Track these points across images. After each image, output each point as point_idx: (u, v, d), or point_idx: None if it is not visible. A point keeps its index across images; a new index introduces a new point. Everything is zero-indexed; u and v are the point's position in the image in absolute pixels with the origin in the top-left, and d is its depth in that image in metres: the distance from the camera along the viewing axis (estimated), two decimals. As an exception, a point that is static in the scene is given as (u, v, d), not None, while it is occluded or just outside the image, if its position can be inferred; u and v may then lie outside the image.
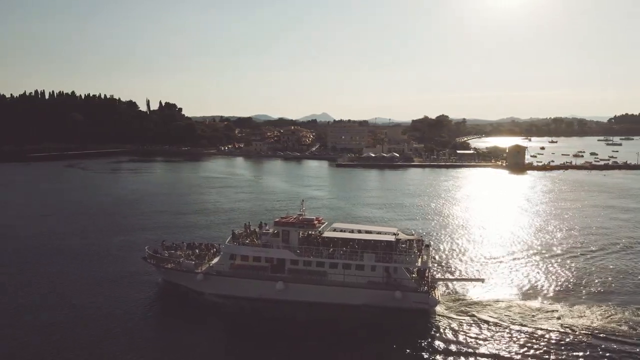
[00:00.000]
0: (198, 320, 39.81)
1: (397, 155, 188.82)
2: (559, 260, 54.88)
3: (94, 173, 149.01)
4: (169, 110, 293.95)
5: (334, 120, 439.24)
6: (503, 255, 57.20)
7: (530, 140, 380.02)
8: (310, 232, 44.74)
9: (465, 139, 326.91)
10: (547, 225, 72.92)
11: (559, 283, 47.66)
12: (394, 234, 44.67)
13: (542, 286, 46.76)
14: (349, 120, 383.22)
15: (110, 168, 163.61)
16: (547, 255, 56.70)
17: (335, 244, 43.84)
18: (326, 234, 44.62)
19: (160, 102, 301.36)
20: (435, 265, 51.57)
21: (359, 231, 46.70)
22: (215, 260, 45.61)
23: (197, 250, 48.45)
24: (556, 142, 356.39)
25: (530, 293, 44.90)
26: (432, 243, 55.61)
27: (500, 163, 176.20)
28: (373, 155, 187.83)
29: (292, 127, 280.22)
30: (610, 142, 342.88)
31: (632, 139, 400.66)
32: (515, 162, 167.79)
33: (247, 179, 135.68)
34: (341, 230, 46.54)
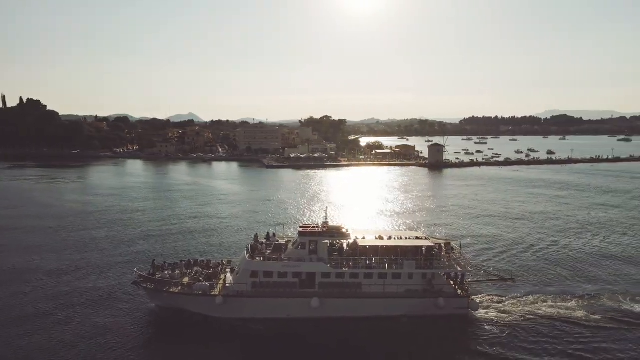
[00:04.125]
0: (224, 352, 34.11)
1: (326, 155, 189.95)
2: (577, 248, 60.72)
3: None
4: (34, 108, 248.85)
5: (212, 121, 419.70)
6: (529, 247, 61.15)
7: (408, 140, 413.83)
8: (340, 242, 41.01)
9: (353, 138, 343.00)
10: (513, 215, 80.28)
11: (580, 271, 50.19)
12: (426, 238, 43.38)
13: (570, 279, 48.31)
14: (227, 121, 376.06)
15: None
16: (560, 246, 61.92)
17: (370, 253, 40.37)
18: (362, 242, 40.95)
19: (21, 98, 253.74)
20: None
21: (389, 237, 43.88)
22: (229, 279, 40.08)
23: (199, 269, 42.07)
24: (432, 141, 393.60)
25: (557, 286, 45.92)
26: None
27: (422, 161, 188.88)
28: (302, 155, 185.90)
29: (197, 128, 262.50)
30: (478, 141, 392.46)
31: (487, 138, 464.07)
32: (436, 160, 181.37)
33: (198, 185, 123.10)
34: (362, 238, 42.51)
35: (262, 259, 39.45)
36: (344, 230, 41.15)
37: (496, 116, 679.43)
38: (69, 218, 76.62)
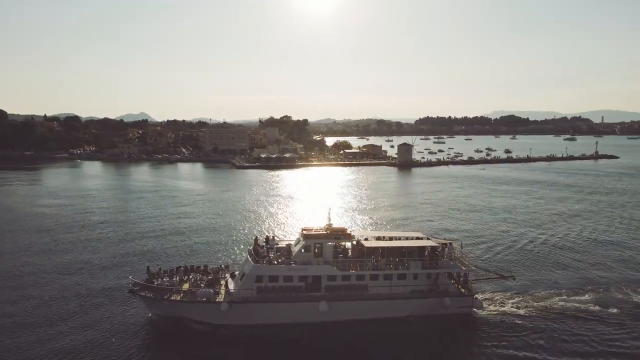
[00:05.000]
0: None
1: (297, 155, 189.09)
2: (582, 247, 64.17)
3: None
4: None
5: (167, 120, 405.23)
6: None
7: (368, 139, 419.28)
8: (344, 244, 40.74)
9: (318, 138, 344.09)
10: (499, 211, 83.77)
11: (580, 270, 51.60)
12: (428, 238, 43.68)
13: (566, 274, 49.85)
14: (183, 121, 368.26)
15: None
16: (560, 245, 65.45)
17: (377, 254, 40.14)
18: (368, 244, 40.67)
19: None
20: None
21: (390, 238, 44.40)
22: (231, 284, 39.24)
23: (198, 275, 40.84)
24: (392, 140, 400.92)
25: (554, 281, 47.50)
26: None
27: (392, 161, 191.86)
28: (273, 156, 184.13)
29: (158, 128, 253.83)
30: (437, 141, 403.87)
31: (443, 138, 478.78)
32: (405, 159, 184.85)
33: (173, 188, 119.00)
34: (365, 239, 42.48)
35: (265, 263, 38.51)
36: (348, 232, 40.99)
37: (449, 116, 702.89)
38: (42, 223, 72.00)
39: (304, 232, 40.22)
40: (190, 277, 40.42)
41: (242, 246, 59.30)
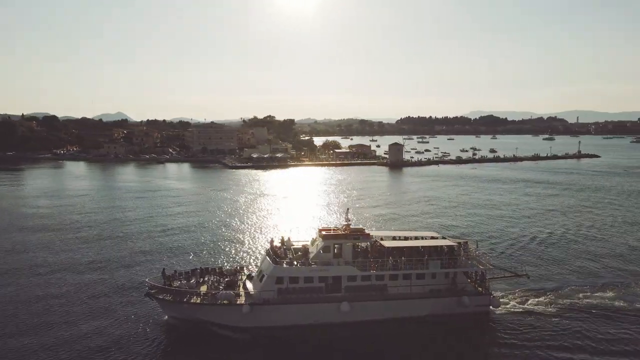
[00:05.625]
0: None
1: (289, 155, 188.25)
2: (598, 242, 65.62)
3: None
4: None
5: (148, 120, 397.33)
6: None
7: (352, 139, 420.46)
8: (362, 244, 40.84)
9: (306, 138, 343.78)
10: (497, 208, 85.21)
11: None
12: (444, 238, 44.59)
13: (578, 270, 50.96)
14: (164, 121, 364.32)
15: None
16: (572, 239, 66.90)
17: (397, 254, 40.30)
18: (387, 243, 40.98)
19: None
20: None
21: (405, 238, 44.76)
22: (250, 286, 39.02)
23: (216, 277, 40.18)
24: (376, 140, 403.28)
25: (567, 279, 47.98)
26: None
27: (383, 161, 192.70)
28: (264, 155, 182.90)
29: (144, 128, 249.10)
30: (421, 141, 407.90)
31: (426, 137, 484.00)
32: (397, 159, 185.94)
33: (170, 189, 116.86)
34: (381, 239, 42.69)
35: (285, 264, 38.18)
36: (366, 232, 41.08)
37: (430, 116, 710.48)
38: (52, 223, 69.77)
39: (323, 232, 40.09)
40: (207, 279, 39.79)
41: (254, 247, 59.12)
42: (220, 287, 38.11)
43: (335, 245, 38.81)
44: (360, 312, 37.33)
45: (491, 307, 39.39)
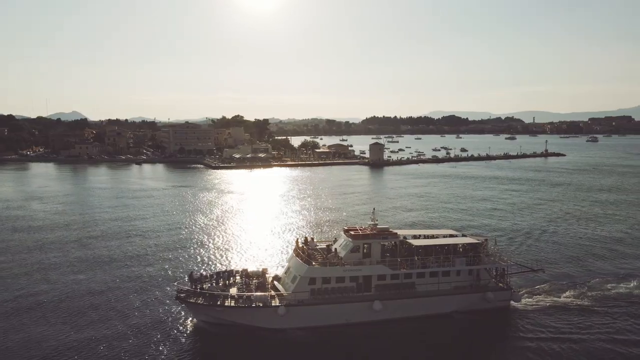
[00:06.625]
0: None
1: (271, 155, 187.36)
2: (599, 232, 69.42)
3: None
4: None
5: (108, 120, 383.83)
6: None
7: (322, 139, 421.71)
8: (393, 243, 41.55)
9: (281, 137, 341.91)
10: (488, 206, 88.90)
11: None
12: (464, 235, 46.07)
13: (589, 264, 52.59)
14: (126, 121, 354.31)
15: None
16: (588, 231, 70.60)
17: (426, 253, 41.25)
18: (416, 242, 41.94)
19: None
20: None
21: (426, 236, 45.65)
22: (280, 287, 39.55)
23: (245, 279, 40.15)
24: (346, 140, 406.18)
25: (583, 273, 49.66)
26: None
27: (364, 160, 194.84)
28: (247, 156, 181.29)
29: (116, 127, 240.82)
30: (391, 140, 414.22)
31: (394, 137, 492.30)
32: (377, 158, 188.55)
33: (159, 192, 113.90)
34: (404, 238, 43.14)
35: (315, 264, 38.43)
36: (393, 231, 42.04)
37: (395, 116, 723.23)
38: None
39: (350, 232, 40.77)
40: (233, 281, 39.60)
41: (273, 248, 59.20)
42: (252, 289, 38.07)
43: (365, 245, 39.58)
44: (392, 310, 38.23)
45: (512, 302, 40.87)
